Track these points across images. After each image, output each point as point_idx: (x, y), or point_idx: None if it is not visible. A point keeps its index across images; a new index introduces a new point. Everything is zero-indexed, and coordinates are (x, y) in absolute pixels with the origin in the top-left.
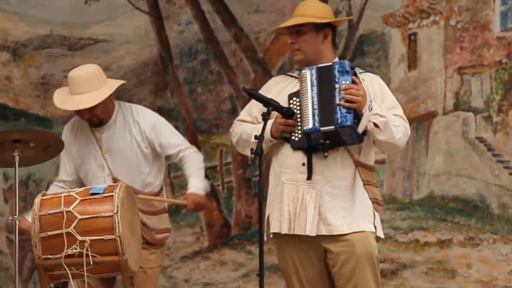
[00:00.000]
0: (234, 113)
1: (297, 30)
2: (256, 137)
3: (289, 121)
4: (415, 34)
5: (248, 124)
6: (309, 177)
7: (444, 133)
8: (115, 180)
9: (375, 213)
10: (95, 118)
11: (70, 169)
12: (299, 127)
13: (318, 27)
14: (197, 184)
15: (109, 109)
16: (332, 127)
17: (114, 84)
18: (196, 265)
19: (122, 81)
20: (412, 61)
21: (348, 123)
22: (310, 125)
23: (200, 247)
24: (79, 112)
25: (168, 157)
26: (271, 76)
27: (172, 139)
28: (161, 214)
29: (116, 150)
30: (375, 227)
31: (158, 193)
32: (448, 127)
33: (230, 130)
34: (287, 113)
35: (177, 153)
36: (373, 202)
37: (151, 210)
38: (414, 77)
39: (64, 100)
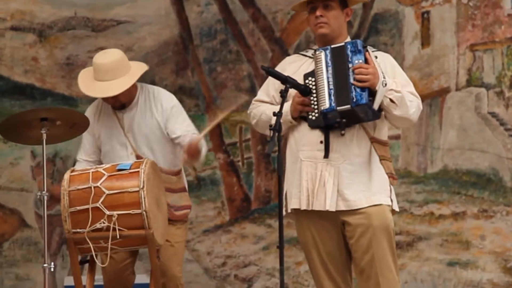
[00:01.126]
0: (252, 91)
1: (326, 4)
2: (274, 114)
3: (306, 100)
4: (428, 12)
5: (267, 105)
6: (326, 155)
7: (457, 109)
8: (138, 157)
9: (391, 187)
10: (118, 103)
11: (91, 149)
12: (316, 107)
13: (343, 5)
14: (195, 136)
15: (132, 93)
16: (348, 106)
17: (138, 71)
18: (218, 239)
19: (146, 67)
20: (425, 39)
21: (364, 101)
22: (327, 105)
23: (222, 221)
24: (104, 98)
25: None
26: (288, 55)
27: (183, 124)
28: (181, 192)
29: (137, 130)
30: (391, 201)
31: (178, 172)
32: (461, 102)
33: (248, 111)
34: (304, 90)
35: (183, 135)
36: (389, 177)
37: (171, 188)
38: (427, 55)
39: (90, 86)
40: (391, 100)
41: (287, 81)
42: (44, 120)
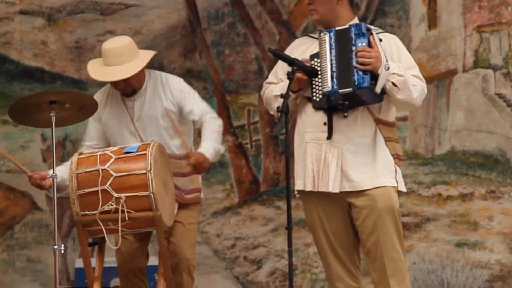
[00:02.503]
0: (260, 73)
1: None
2: (281, 96)
3: (303, 76)
4: None
5: (275, 85)
6: (329, 137)
7: (465, 90)
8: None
9: (397, 168)
10: (129, 88)
11: (96, 135)
12: (319, 88)
13: None
14: (207, 146)
15: (141, 78)
16: (350, 89)
17: (147, 56)
18: (227, 220)
19: (154, 52)
20: (432, 21)
21: (365, 84)
22: (329, 87)
23: (231, 203)
24: (114, 83)
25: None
26: (295, 37)
27: (197, 106)
28: (192, 175)
29: (146, 117)
30: (396, 182)
31: (187, 155)
32: (468, 84)
33: (261, 93)
34: (311, 71)
35: (199, 119)
36: (394, 158)
37: (182, 172)
38: (434, 36)
39: (99, 71)
40: (394, 84)
41: (294, 63)
42: (53, 103)
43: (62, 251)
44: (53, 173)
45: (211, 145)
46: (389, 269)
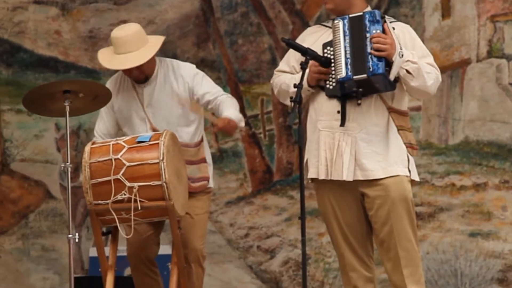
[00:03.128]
0: (273, 63)
1: None
2: (295, 86)
3: (322, 69)
4: None
5: (287, 74)
6: (342, 123)
7: (478, 80)
8: (155, 131)
9: (409, 157)
10: (142, 75)
11: (109, 123)
12: (333, 76)
13: None
14: (230, 112)
15: (153, 65)
16: (364, 75)
17: (157, 41)
18: (241, 210)
19: (163, 37)
20: (446, 10)
21: (380, 71)
22: (343, 74)
23: (244, 193)
24: (127, 71)
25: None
26: (308, 27)
27: (210, 88)
28: (200, 164)
29: (157, 104)
30: (409, 171)
31: (199, 143)
32: (482, 73)
33: (271, 82)
34: (324, 61)
35: (214, 98)
36: (407, 147)
37: (190, 160)
38: (448, 26)
39: (110, 59)
40: (408, 71)
41: (307, 53)
42: (67, 92)
43: (77, 240)
44: (68, 162)
45: (234, 111)
46: (403, 259)
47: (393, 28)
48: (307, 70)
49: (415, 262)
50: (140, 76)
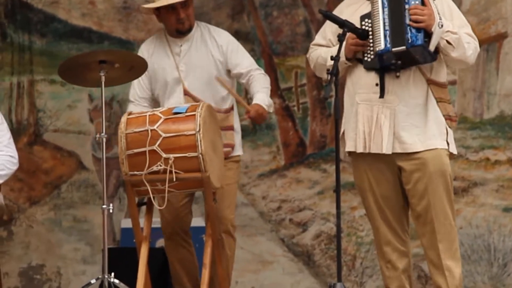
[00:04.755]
0: (308, 36)
1: None
2: (332, 58)
3: (359, 41)
4: None
5: (323, 48)
6: (382, 95)
7: None
8: (186, 92)
9: (448, 129)
10: (187, 22)
11: (146, 85)
12: (371, 48)
13: None
14: (262, 98)
15: (193, 20)
16: (403, 47)
17: None
18: (273, 183)
19: None
20: None
21: (419, 42)
22: (382, 46)
23: (277, 166)
24: (172, 14)
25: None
26: None
27: (244, 59)
28: (227, 131)
29: (191, 64)
30: (447, 144)
31: (229, 110)
32: None
33: (307, 56)
34: (362, 34)
35: (247, 72)
36: (446, 119)
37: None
38: None
39: (161, 1)
40: (448, 42)
41: (344, 25)
42: (102, 62)
43: (111, 211)
44: (103, 133)
45: (266, 97)
46: (439, 233)
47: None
48: (344, 43)
49: (451, 236)
50: (185, 22)
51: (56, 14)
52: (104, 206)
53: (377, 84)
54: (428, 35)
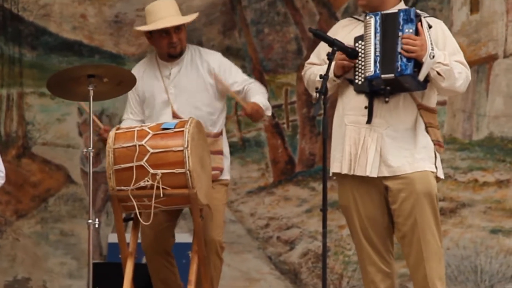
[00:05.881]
0: (299, 53)
1: None
2: (321, 76)
3: (347, 58)
4: None
5: (316, 66)
6: (369, 121)
7: (505, 76)
8: (175, 116)
9: (437, 154)
10: (179, 46)
11: (136, 108)
12: (362, 72)
13: None
14: (259, 99)
15: (185, 43)
16: (392, 75)
17: (192, 15)
18: (261, 200)
19: (196, 14)
20: (474, 5)
21: (408, 71)
22: (372, 72)
23: (265, 183)
24: (165, 38)
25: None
26: (336, 18)
27: (238, 76)
28: (216, 155)
29: (181, 87)
30: (436, 168)
31: (218, 134)
32: (509, 70)
33: (302, 74)
34: (352, 53)
35: (243, 87)
36: (435, 144)
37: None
38: (476, 21)
39: (154, 24)
40: (438, 73)
41: (334, 44)
42: (91, 76)
43: (96, 226)
44: (90, 147)
45: (263, 99)
46: (425, 253)
47: (430, 27)
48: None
49: (438, 256)
50: (178, 47)
51: (47, 27)
52: (90, 221)
53: (366, 107)
54: (418, 65)
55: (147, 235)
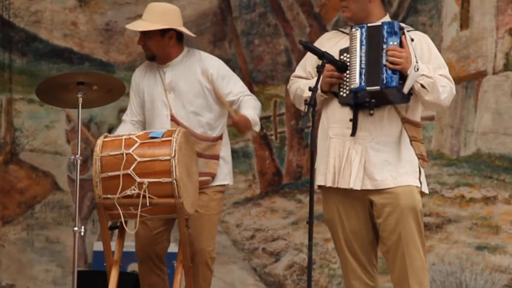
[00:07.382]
0: (289, 65)
1: None
2: (310, 89)
3: (335, 73)
4: None
5: (303, 80)
6: (353, 133)
7: (493, 93)
8: (173, 118)
9: (421, 168)
10: (148, 51)
11: (136, 110)
12: (347, 84)
13: None
14: (249, 112)
15: (166, 48)
16: (378, 87)
17: (176, 26)
18: (248, 211)
19: (192, 35)
20: (465, 21)
21: (394, 84)
22: (357, 84)
23: (252, 194)
24: (138, 40)
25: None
26: (326, 31)
27: (236, 87)
28: (210, 159)
29: (178, 90)
30: (420, 182)
31: (217, 139)
32: (497, 86)
33: (288, 87)
34: (341, 66)
35: (238, 98)
36: (419, 158)
37: (201, 152)
38: (465, 37)
39: (129, 24)
40: (422, 86)
41: (324, 56)
42: (80, 84)
43: (82, 233)
44: (78, 154)
45: (253, 114)
46: (410, 268)
47: (412, 40)
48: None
49: (422, 271)
50: (146, 50)
51: (38, 33)
52: (76, 228)
53: (350, 120)
54: (403, 77)
55: (140, 238)
